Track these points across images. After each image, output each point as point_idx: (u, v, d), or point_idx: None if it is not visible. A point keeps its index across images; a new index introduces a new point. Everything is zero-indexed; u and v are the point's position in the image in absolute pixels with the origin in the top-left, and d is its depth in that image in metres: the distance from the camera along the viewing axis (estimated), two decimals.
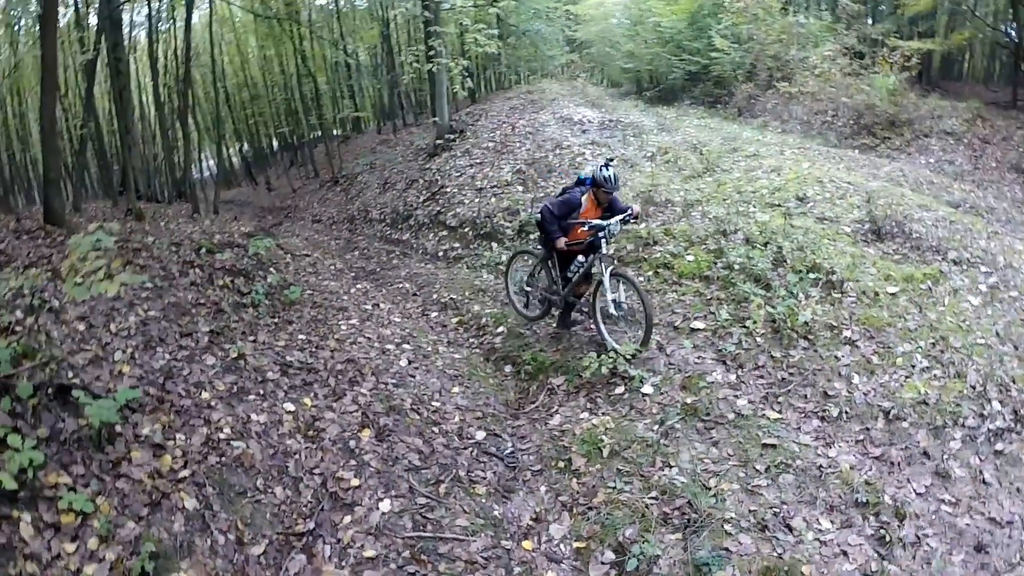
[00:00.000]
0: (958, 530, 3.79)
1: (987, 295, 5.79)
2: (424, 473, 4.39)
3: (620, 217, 5.99)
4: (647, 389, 5.21)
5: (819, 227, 7.00)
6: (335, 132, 25.14)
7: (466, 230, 10.32)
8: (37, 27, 12.62)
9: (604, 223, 5.91)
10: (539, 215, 6.36)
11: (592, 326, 6.27)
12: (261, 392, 4.79)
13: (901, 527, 3.79)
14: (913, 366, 4.95)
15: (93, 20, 16.03)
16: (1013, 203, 10.07)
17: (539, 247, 6.92)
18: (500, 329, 6.96)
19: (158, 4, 19.31)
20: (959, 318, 5.45)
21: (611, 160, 6.35)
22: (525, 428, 5.23)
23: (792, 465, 4.25)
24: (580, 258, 6.24)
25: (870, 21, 18.12)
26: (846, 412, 4.65)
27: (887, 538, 3.72)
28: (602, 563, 3.78)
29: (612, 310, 5.75)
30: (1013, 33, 16.27)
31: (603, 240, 5.90)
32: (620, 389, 5.30)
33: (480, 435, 5.00)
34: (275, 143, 30.38)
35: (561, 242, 6.06)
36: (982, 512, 3.89)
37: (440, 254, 10.29)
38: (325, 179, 19.77)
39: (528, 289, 6.93)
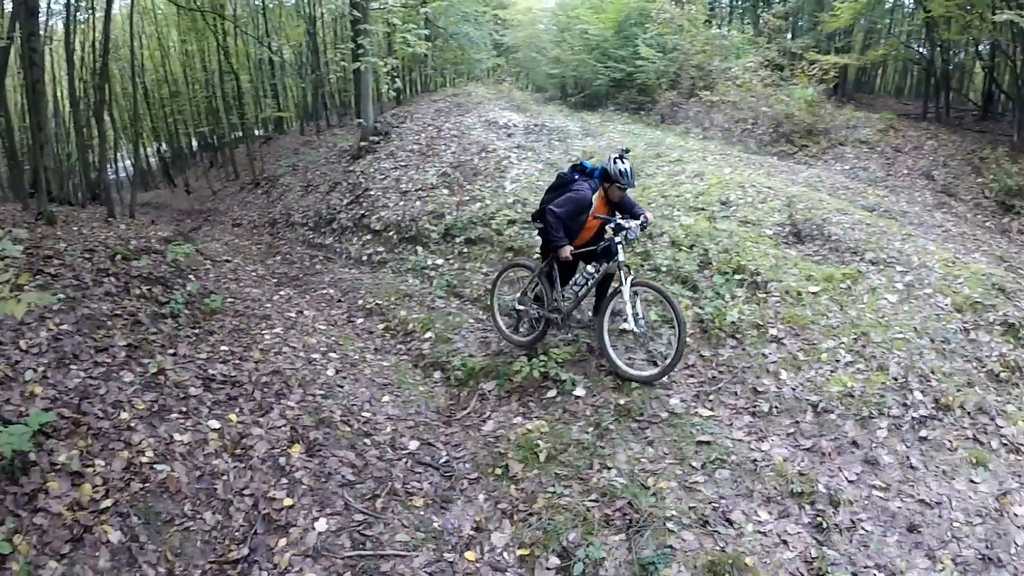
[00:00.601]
0: (891, 513, 4.01)
1: (903, 292, 6.14)
2: (359, 488, 4.32)
3: (639, 221, 5.40)
4: (579, 392, 5.32)
5: (742, 230, 7.28)
6: (257, 132, 24.60)
7: (391, 234, 10.24)
8: None
9: (626, 223, 5.34)
10: (539, 223, 5.73)
11: (597, 345, 5.67)
12: (184, 409, 4.60)
13: (836, 514, 3.99)
14: (838, 361, 5.23)
15: (8, 6, 15.09)
16: (924, 207, 10.71)
17: (526, 261, 6.56)
18: (428, 335, 6.94)
19: None
20: (878, 314, 5.78)
21: (626, 151, 5.71)
22: (459, 435, 5.22)
23: (727, 460, 4.42)
24: (590, 268, 5.64)
25: (790, 36, 19.18)
26: (776, 407, 4.87)
27: (824, 525, 3.91)
28: (547, 569, 3.80)
29: (634, 327, 5.26)
30: (925, 51, 17.37)
31: (619, 246, 5.33)
32: (552, 392, 5.39)
33: (413, 445, 4.97)
34: (195, 143, 29.33)
35: (567, 251, 5.40)
36: (912, 495, 4.13)
37: (364, 259, 10.18)
38: (246, 181, 19.25)
39: (521, 309, 6.16)
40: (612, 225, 5.42)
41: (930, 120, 15.76)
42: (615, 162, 5.39)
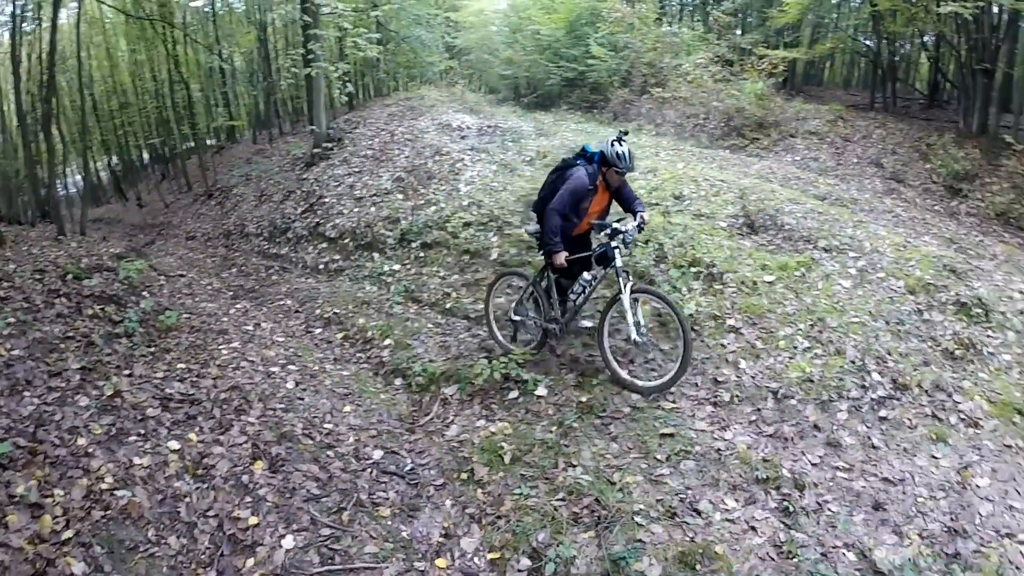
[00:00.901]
0: (855, 492, 4.10)
1: (857, 278, 6.29)
2: (324, 502, 4.26)
3: (636, 223, 5.24)
4: (541, 391, 5.34)
5: (697, 223, 7.38)
6: (209, 142, 24.20)
7: (346, 241, 10.18)
8: None
9: (622, 227, 5.14)
10: (535, 229, 5.58)
11: (600, 355, 5.41)
12: (142, 432, 4.49)
13: (802, 497, 4.07)
14: (795, 347, 5.34)
15: None
16: (874, 194, 10.98)
17: (519, 270, 6.45)
18: (387, 342, 6.89)
19: (23, 1, 17.89)
20: (833, 300, 5.92)
21: (624, 133, 5.44)
22: (422, 442, 5.18)
23: (691, 451, 4.47)
24: (586, 275, 5.44)
25: (740, 32, 19.63)
26: (737, 396, 4.95)
27: (791, 509, 3.98)
28: (519, 571, 3.79)
29: (635, 336, 5.05)
30: (871, 43, 17.93)
31: (616, 251, 5.13)
32: (514, 393, 5.40)
33: (377, 454, 4.92)
34: (146, 155, 28.78)
35: (560, 258, 5.23)
36: (875, 474, 4.24)
37: (321, 267, 10.10)
38: (199, 193, 19.03)
39: (516, 319, 6.01)
40: (608, 230, 5.17)
41: (878, 110, 16.24)
42: (613, 144, 5.14)
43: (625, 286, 5.01)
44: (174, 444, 4.43)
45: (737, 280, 6.20)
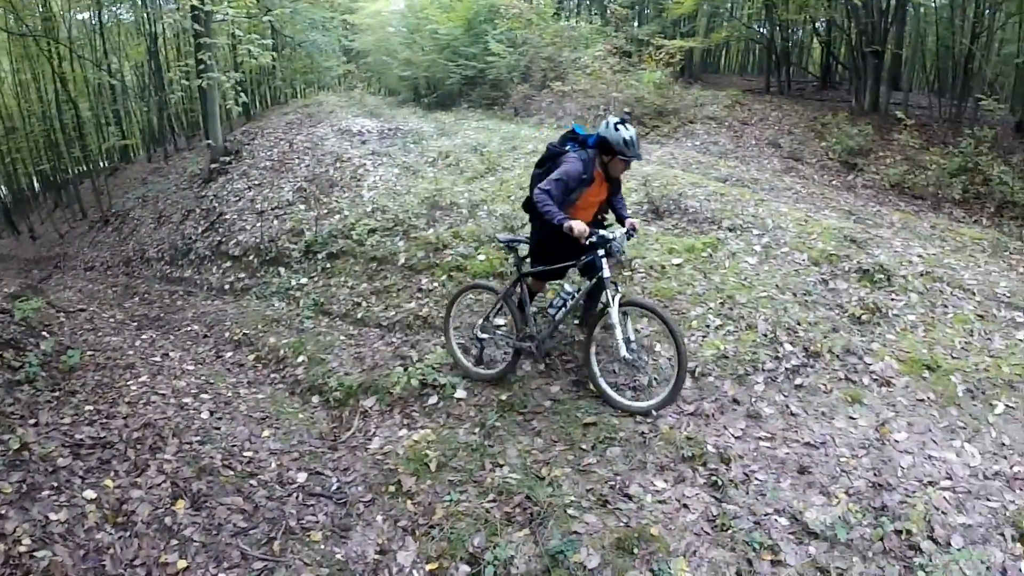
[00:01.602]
0: (780, 460, 4.28)
1: (762, 254, 6.58)
2: (253, 534, 4.12)
3: (625, 230, 4.85)
4: (460, 393, 5.34)
5: None
6: (102, 164, 23.15)
7: (251, 258, 9.96)
8: None
9: (609, 234, 4.71)
10: (508, 237, 5.26)
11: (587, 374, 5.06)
12: (55, 484, 4.22)
13: (729, 470, 4.22)
14: (708, 326, 5.53)
15: None
16: (774, 173, 11.47)
17: (487, 282, 6.01)
18: (300, 359, 6.75)
19: None
20: (741, 277, 6.16)
21: (628, 113, 4.88)
22: (346, 459, 5.09)
23: (616, 438, 4.56)
24: (567, 287, 5.11)
25: (637, 24, 20.26)
26: (655, 379, 5.06)
27: (719, 482, 4.13)
28: None
29: (624, 353, 4.66)
30: (765, 31, 18.84)
31: (603, 260, 4.72)
32: (434, 399, 5.38)
33: (302, 477, 4.80)
34: (36, 183, 27.28)
35: (580, 225, 4.51)
36: (797, 440, 4.45)
37: (226, 287, 9.84)
38: (95, 219, 18.25)
39: (483, 337, 5.51)
40: (595, 237, 4.67)
41: (773, 93, 17.08)
42: (616, 128, 4.60)
43: (613, 299, 4.64)
44: (90, 493, 4.20)
45: (645, 265, 6.38)
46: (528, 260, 5.31)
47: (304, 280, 8.64)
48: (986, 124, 11.98)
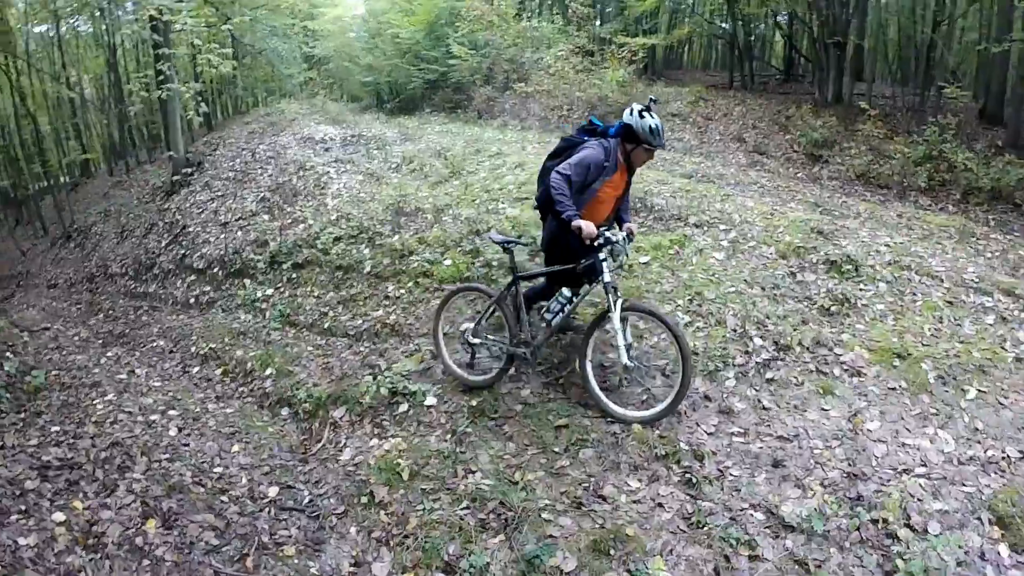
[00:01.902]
0: (754, 455, 4.31)
1: (729, 249, 6.63)
2: (226, 551, 4.04)
3: (625, 233, 4.72)
4: (430, 401, 5.30)
5: None
6: (63, 179, 22.96)
7: (215, 270, 9.90)
8: None
9: (613, 235, 4.55)
10: (502, 238, 5.04)
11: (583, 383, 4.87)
12: (23, 508, 4.12)
13: (703, 467, 4.23)
14: (677, 323, 5.51)
15: None
16: (739, 168, 11.63)
17: (479, 284, 5.79)
18: (268, 371, 6.67)
19: None
20: (709, 273, 6.20)
21: (654, 100, 4.79)
22: (317, 471, 5.03)
23: (588, 439, 4.55)
24: (565, 291, 4.83)
25: (599, 23, 20.42)
26: (625, 378, 5.04)
27: (693, 480, 4.13)
28: None
29: (626, 360, 4.49)
30: (728, 26, 19.10)
31: (604, 263, 4.53)
32: (404, 407, 5.33)
33: (273, 491, 4.73)
34: None
35: (588, 225, 4.36)
36: (770, 434, 4.47)
37: (191, 301, 9.76)
38: (56, 235, 18.16)
39: (475, 342, 5.28)
40: (600, 239, 4.52)
41: (737, 88, 17.33)
42: (641, 116, 4.46)
43: (615, 303, 4.48)
44: (59, 516, 4.10)
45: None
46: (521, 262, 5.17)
47: (270, 291, 8.57)
48: (949, 112, 12.27)
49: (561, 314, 4.83)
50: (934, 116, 12.00)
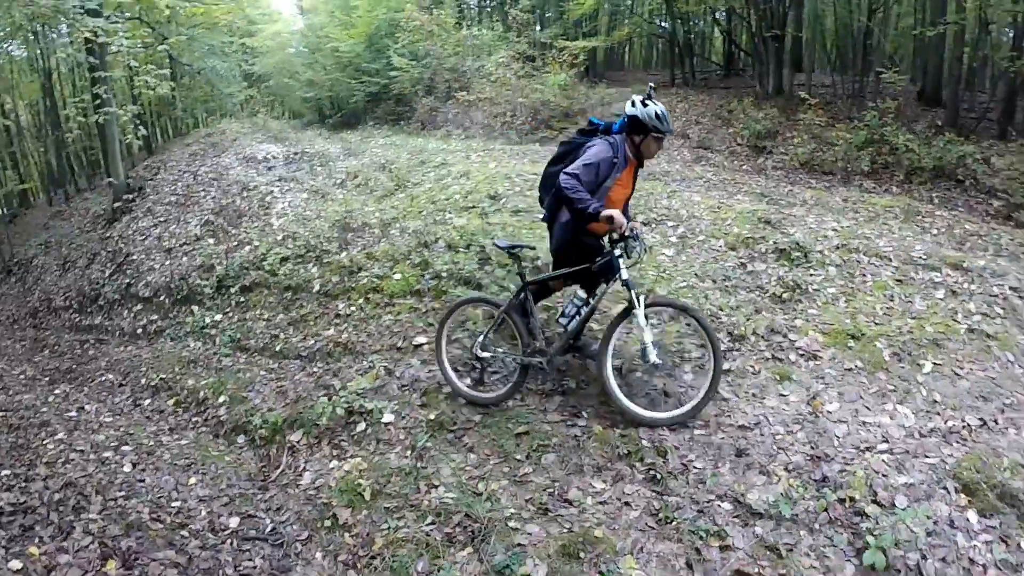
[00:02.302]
0: (716, 446, 4.34)
1: (678, 245, 6.74)
2: None
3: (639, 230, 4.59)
4: (388, 417, 5.23)
5: (515, 220, 7.63)
6: (1, 211, 22.30)
7: (162, 298, 9.73)
8: None
9: (636, 231, 4.45)
10: (508, 244, 4.87)
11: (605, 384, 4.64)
12: None
13: (667, 462, 4.24)
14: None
15: None
16: (684, 164, 11.81)
17: (482, 295, 5.59)
18: (221, 399, 6.54)
19: None
20: (660, 270, 6.29)
21: (654, 88, 4.67)
22: (278, 497, 4.94)
23: (549, 444, 4.54)
24: (580, 293, 4.69)
25: (539, 28, 20.67)
26: (582, 380, 5.08)
27: (658, 476, 4.14)
28: None
29: (653, 358, 4.38)
30: (667, 25, 19.43)
31: (620, 260, 4.41)
32: (362, 426, 5.26)
33: (234, 522, 4.63)
34: None
35: (617, 215, 4.18)
36: (731, 424, 4.52)
37: (139, 331, 9.57)
38: None
39: (484, 356, 5.05)
40: (615, 234, 4.44)
41: (679, 86, 17.59)
42: (644, 104, 4.36)
43: (638, 299, 4.35)
44: (15, 564, 3.97)
45: None
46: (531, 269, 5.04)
47: (219, 317, 8.43)
48: (888, 96, 12.64)
49: (577, 317, 4.67)
50: (874, 101, 12.35)
